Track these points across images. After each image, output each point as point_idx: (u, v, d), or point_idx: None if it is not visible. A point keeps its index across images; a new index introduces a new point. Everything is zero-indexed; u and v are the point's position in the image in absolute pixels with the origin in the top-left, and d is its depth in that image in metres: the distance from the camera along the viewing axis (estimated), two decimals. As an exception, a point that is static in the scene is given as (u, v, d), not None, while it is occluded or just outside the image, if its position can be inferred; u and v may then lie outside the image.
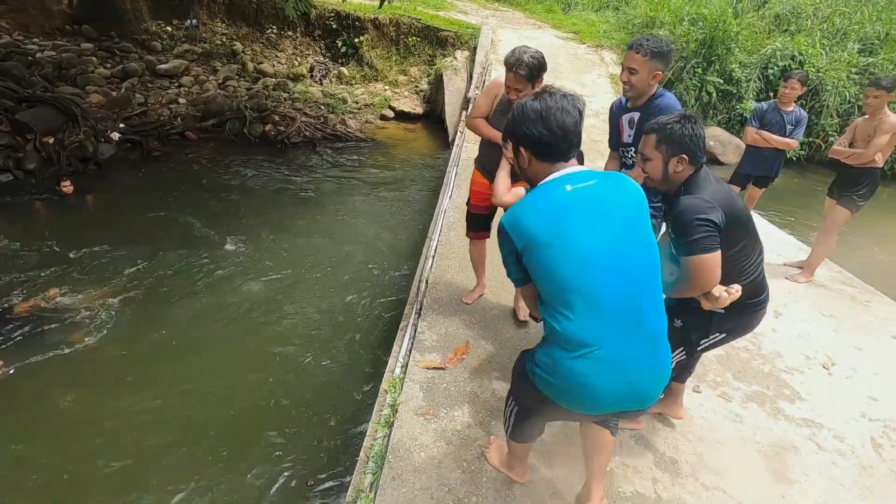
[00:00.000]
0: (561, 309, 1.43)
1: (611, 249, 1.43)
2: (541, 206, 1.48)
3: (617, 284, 1.42)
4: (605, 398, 1.45)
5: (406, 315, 3.02)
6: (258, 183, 7.09)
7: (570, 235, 1.42)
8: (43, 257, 4.98)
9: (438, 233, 3.96)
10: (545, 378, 1.51)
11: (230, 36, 10.88)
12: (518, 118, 1.52)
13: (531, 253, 1.46)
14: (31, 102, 7.22)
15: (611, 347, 1.41)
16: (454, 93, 9.69)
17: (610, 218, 1.45)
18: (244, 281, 4.84)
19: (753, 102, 10.09)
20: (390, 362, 2.63)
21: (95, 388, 3.47)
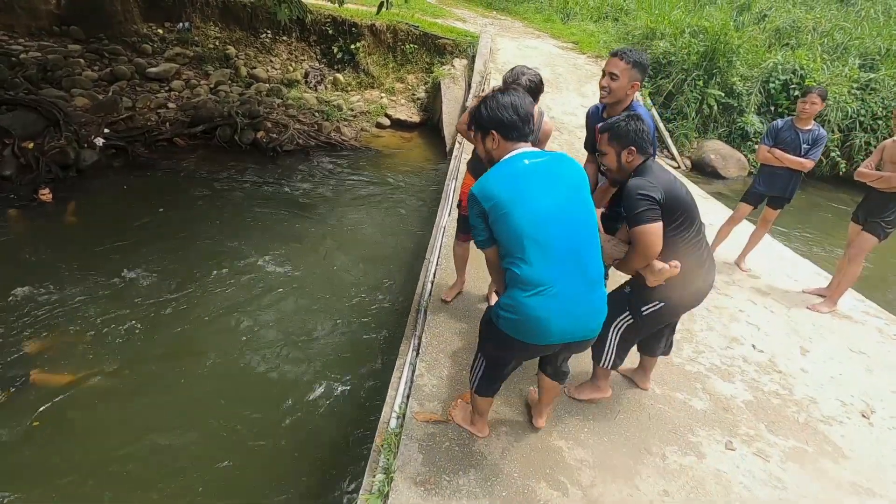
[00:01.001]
0: (520, 256, 1.75)
1: (560, 209, 1.78)
2: (504, 174, 1.82)
3: (564, 237, 1.77)
4: (556, 329, 1.77)
5: (402, 352, 2.77)
6: (248, 192, 6.82)
7: (528, 196, 1.76)
8: (17, 268, 4.69)
9: (437, 255, 3.72)
10: (507, 317, 1.81)
11: (223, 40, 10.62)
12: (493, 106, 1.86)
13: (496, 211, 1.77)
14: (10, 105, 6.91)
15: (560, 287, 1.74)
16: (452, 101, 9.49)
17: (559, 185, 1.81)
18: (225, 298, 4.57)
19: (755, 116, 9.99)
20: (385, 411, 2.38)
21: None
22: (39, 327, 4.03)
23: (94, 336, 4.00)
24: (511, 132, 1.85)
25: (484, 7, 14.39)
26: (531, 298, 1.74)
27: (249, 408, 3.41)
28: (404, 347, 2.81)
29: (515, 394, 2.51)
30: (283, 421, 3.28)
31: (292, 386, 3.58)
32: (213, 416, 3.34)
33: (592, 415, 2.41)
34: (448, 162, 7.71)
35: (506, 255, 1.81)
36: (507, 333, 1.84)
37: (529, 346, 1.85)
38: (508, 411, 2.41)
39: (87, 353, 3.82)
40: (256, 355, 3.92)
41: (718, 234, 4.33)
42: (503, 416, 2.37)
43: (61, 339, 3.97)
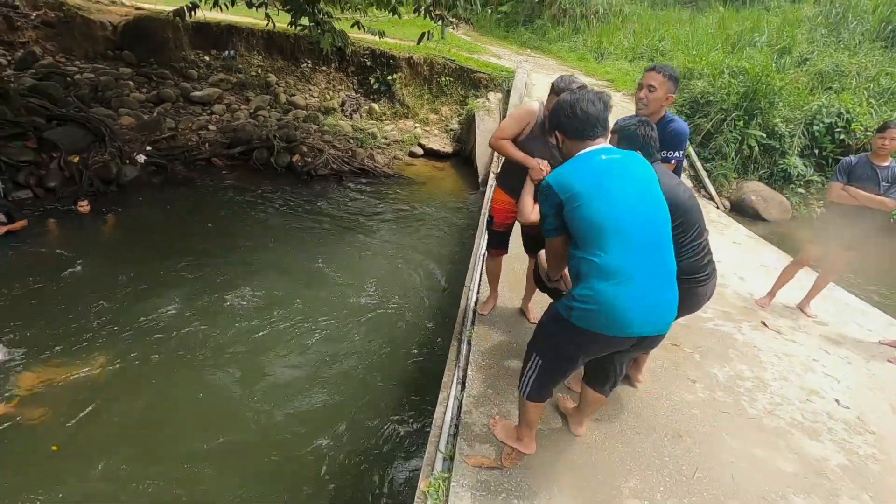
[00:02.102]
0: (599, 246, 1.73)
1: (638, 202, 1.78)
2: (581, 166, 1.83)
3: (642, 229, 1.76)
4: (635, 320, 1.73)
5: (445, 384, 2.54)
6: (281, 213, 6.79)
7: (608, 187, 1.76)
8: (46, 275, 4.66)
9: (478, 283, 3.52)
10: (583, 308, 1.75)
11: (266, 68, 10.95)
12: (556, 107, 1.93)
13: (573, 202, 1.76)
14: (61, 121, 7.13)
15: (640, 279, 1.72)
16: (486, 133, 9.46)
17: (635, 180, 1.82)
18: (253, 317, 4.42)
19: (798, 158, 9.68)
20: (429, 451, 2.13)
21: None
22: (58, 340, 3.93)
23: (118, 347, 3.87)
24: (574, 133, 1.88)
25: (518, 45, 14.62)
26: (612, 287, 1.71)
27: (275, 440, 3.20)
28: (447, 379, 2.58)
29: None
30: (315, 456, 3.05)
31: (324, 419, 3.38)
32: (236, 447, 3.13)
33: (668, 472, 2.11)
34: (484, 191, 7.60)
35: (583, 247, 1.79)
36: (582, 327, 1.77)
37: (605, 340, 1.79)
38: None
39: (112, 364, 3.68)
40: (282, 386, 3.72)
41: (782, 276, 4.02)
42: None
43: (77, 351, 3.86)
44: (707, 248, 2.24)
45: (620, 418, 2.40)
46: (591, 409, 2.22)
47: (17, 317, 4.07)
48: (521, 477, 1.97)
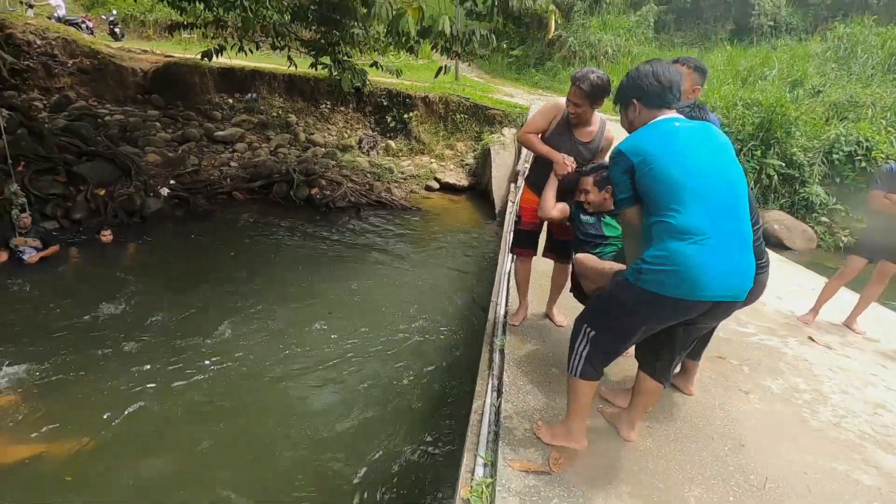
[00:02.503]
0: (674, 207, 1.66)
1: (715, 164, 1.73)
2: (654, 131, 1.78)
3: (722, 189, 1.70)
4: (711, 282, 1.64)
5: (478, 394, 2.36)
6: (300, 243, 6.79)
7: (683, 148, 1.71)
8: (66, 301, 4.63)
9: (505, 296, 3.39)
10: (655, 270, 1.66)
11: (286, 109, 11.33)
12: (634, 76, 1.85)
13: (647, 164, 1.71)
14: (90, 157, 7.35)
15: (718, 239, 1.64)
16: (501, 166, 9.55)
17: (713, 143, 1.77)
18: (278, 341, 4.31)
19: (819, 187, 9.54)
20: (466, 458, 1.94)
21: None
22: (72, 367, 3.84)
23: (141, 372, 3.76)
24: (653, 99, 1.81)
25: (530, 86, 15.02)
26: (688, 246, 1.62)
27: (311, 460, 3.02)
28: (480, 388, 2.41)
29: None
30: (346, 472, 2.86)
31: (357, 439, 3.26)
32: (267, 462, 2.95)
33: (735, 481, 1.89)
34: (501, 221, 7.57)
35: (656, 210, 1.70)
36: (652, 291, 1.67)
37: (675, 305, 1.68)
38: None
39: (122, 390, 3.56)
40: (314, 409, 3.57)
41: (825, 291, 3.82)
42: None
43: (91, 377, 3.75)
44: (762, 236, 2.12)
45: (673, 426, 2.20)
46: (645, 403, 2.04)
47: (34, 340, 4.02)
48: (573, 482, 1.77)
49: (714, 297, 1.66)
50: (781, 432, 2.25)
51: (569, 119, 2.62)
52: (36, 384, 3.51)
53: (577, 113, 2.55)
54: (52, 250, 5.47)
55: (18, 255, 5.25)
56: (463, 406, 2.59)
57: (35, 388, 3.46)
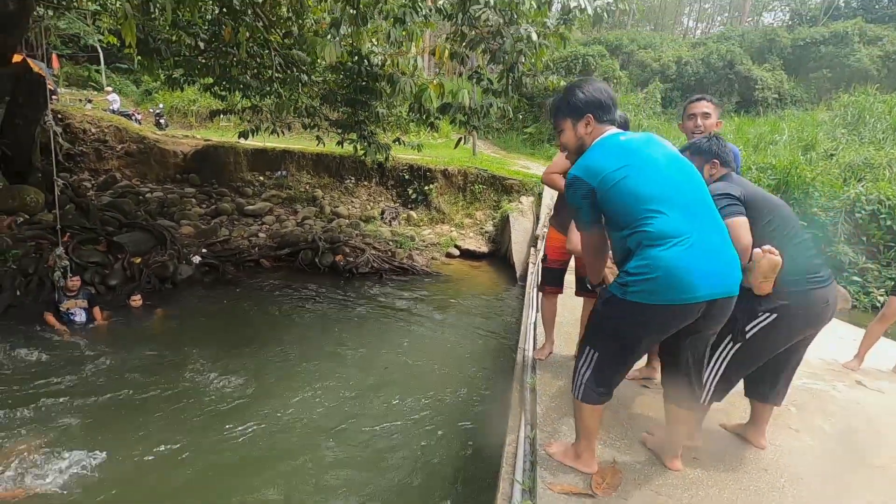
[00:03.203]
0: (646, 215, 1.63)
1: (674, 167, 1.73)
2: (605, 149, 1.77)
3: (689, 189, 1.71)
4: (702, 281, 1.61)
5: (511, 428, 2.27)
6: (325, 307, 6.86)
7: (641, 158, 1.70)
8: (89, 364, 4.69)
9: (532, 341, 3.34)
10: (640, 279, 1.62)
11: (313, 184, 11.96)
12: (589, 90, 1.84)
13: (606, 184, 1.69)
14: (130, 228, 7.78)
15: (698, 236, 1.63)
16: (520, 232, 9.73)
17: (663, 148, 1.78)
18: (306, 401, 4.24)
19: (846, 246, 9.41)
20: (502, 487, 1.83)
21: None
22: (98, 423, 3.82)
23: (164, 431, 3.72)
24: (605, 114, 1.83)
25: (545, 159, 15.64)
26: (669, 250, 1.60)
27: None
28: (513, 423, 2.32)
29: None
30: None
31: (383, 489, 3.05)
32: None
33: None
34: (523, 285, 7.57)
35: (628, 223, 1.68)
36: (641, 302, 1.63)
37: (669, 312, 1.63)
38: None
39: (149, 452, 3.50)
40: (335, 468, 3.44)
41: (867, 336, 3.67)
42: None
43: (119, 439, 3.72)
44: (817, 249, 2.08)
45: (721, 458, 2.05)
46: (680, 428, 1.92)
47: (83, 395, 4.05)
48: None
49: (706, 296, 1.62)
50: (841, 467, 2.08)
51: None
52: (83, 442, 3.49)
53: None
54: (98, 312, 5.75)
55: (69, 317, 5.50)
56: (491, 453, 2.46)
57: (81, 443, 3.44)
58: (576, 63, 17.58)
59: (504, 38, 5.27)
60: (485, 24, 5.41)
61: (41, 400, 3.94)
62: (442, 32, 14.43)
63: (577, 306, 3.03)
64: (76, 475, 3.14)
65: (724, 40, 20.72)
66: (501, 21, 5.32)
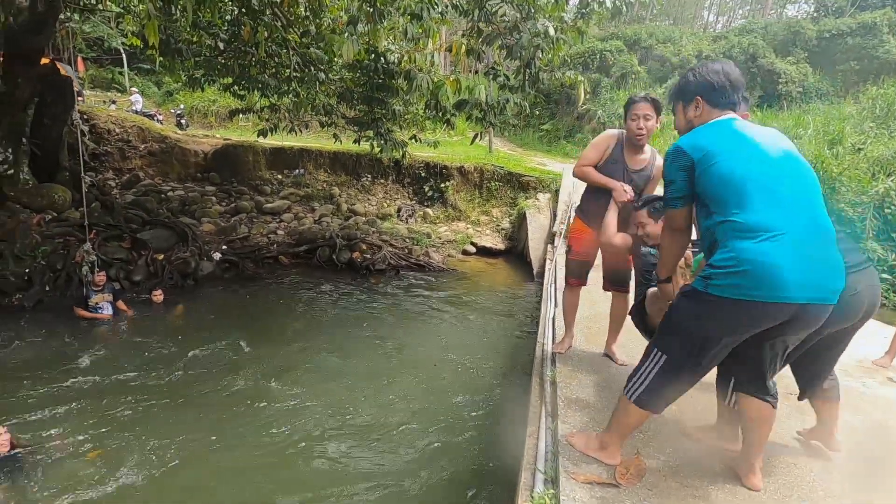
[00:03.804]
0: (739, 204, 1.54)
1: (783, 158, 1.61)
2: (715, 130, 1.68)
3: (794, 183, 1.57)
4: (792, 280, 1.47)
5: (532, 419, 2.26)
6: (342, 303, 6.92)
7: (748, 143, 1.61)
8: (116, 357, 4.81)
9: (551, 335, 3.32)
10: (727, 273, 1.51)
11: (330, 182, 12.06)
12: (703, 72, 1.76)
13: (708, 160, 1.60)
14: (153, 226, 7.94)
15: (793, 235, 1.49)
16: (537, 229, 9.66)
17: (778, 141, 1.66)
18: (323, 400, 4.27)
19: (874, 243, 9.14)
20: (524, 476, 1.82)
21: None
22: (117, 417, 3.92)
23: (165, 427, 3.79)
24: (719, 98, 1.72)
25: (561, 156, 15.53)
26: (760, 244, 1.48)
27: None
28: (532, 414, 2.31)
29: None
30: None
31: None
32: None
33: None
34: (540, 282, 7.53)
35: (720, 210, 1.57)
36: (723, 296, 1.50)
37: (752, 311, 1.49)
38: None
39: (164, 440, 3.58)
40: (351, 461, 3.47)
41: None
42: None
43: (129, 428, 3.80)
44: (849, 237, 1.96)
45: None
46: (759, 434, 1.74)
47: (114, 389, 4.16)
48: (644, 495, 1.62)
49: (797, 298, 1.48)
50: (872, 463, 2.02)
51: (622, 150, 2.66)
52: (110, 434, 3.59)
53: (649, 128, 2.53)
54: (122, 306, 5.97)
55: (97, 311, 5.69)
56: (510, 443, 2.46)
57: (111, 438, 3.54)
58: (593, 58, 17.38)
59: (521, 34, 5.23)
60: (501, 19, 5.39)
61: (71, 388, 4.06)
62: (457, 30, 14.43)
63: (598, 300, 3.00)
64: (106, 458, 3.24)
65: (747, 33, 20.27)
66: (518, 16, 5.29)
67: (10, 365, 4.50)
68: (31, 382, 4.16)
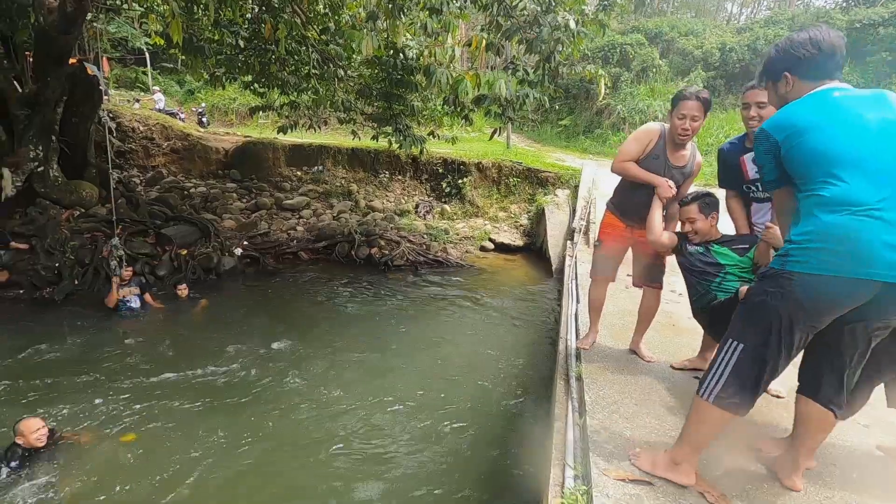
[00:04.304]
0: (825, 180, 1.45)
1: (886, 127, 1.45)
2: (808, 103, 1.55)
3: (890, 155, 1.43)
4: (880, 255, 1.36)
5: (558, 416, 2.23)
6: (361, 298, 6.96)
7: (841, 117, 1.47)
8: (143, 348, 4.92)
9: (574, 332, 3.28)
10: (808, 248, 1.43)
11: (348, 179, 12.12)
12: (785, 47, 1.63)
13: (794, 139, 1.51)
14: (176, 221, 8.09)
15: (889, 212, 1.38)
16: (556, 225, 9.57)
17: (883, 108, 1.48)
18: (344, 394, 4.31)
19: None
20: (553, 473, 1.81)
21: None
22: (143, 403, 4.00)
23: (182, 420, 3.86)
24: (810, 70, 1.58)
25: (580, 152, 15.35)
26: (843, 217, 1.39)
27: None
28: (559, 411, 2.29)
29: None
30: None
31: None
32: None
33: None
34: (560, 279, 7.47)
35: (806, 184, 1.50)
36: (802, 272, 1.42)
37: (834, 288, 1.38)
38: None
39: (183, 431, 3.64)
40: (373, 459, 3.49)
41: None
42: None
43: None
44: None
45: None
46: (812, 439, 1.65)
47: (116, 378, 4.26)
48: (679, 493, 1.59)
49: (885, 276, 1.36)
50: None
51: (664, 144, 2.59)
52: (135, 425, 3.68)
53: (694, 129, 2.47)
54: (149, 298, 6.12)
55: (125, 304, 5.82)
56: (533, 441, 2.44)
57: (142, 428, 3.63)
58: (613, 52, 17.12)
59: (541, 27, 5.17)
60: (521, 13, 5.33)
61: (101, 377, 4.17)
62: (475, 25, 14.32)
63: (623, 297, 2.96)
64: (140, 446, 3.31)
65: (772, 25, 19.72)
66: (538, 9, 5.23)
67: (45, 356, 4.63)
68: (66, 373, 4.28)
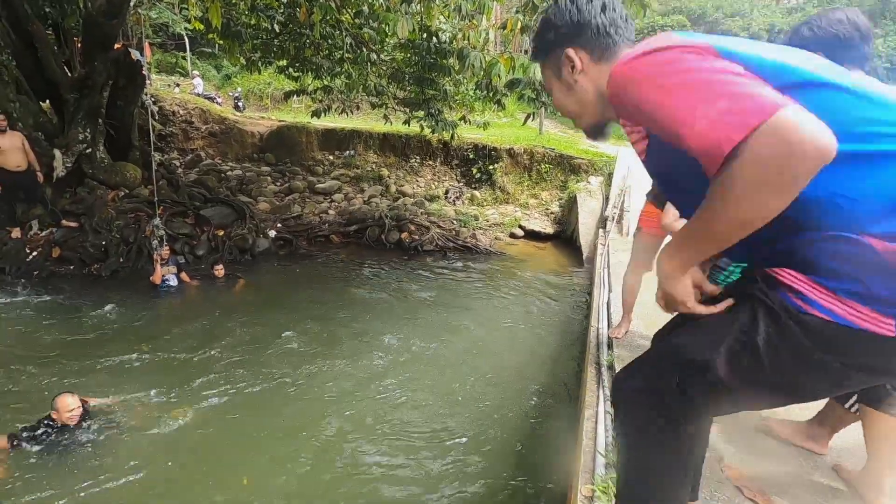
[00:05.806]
0: None
1: None
2: None
3: None
4: None
5: (589, 404, 2.22)
6: (392, 283, 7.04)
7: None
8: (183, 324, 5.12)
9: (606, 321, 3.24)
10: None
11: (379, 164, 12.19)
12: (821, 24, 1.52)
13: None
14: (214, 203, 8.34)
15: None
16: (588, 213, 9.39)
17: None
18: (365, 378, 4.39)
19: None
20: (584, 460, 1.80)
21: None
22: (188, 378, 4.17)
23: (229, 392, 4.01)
24: (847, 52, 1.48)
25: (615, 138, 14.93)
26: None
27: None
28: (590, 399, 2.27)
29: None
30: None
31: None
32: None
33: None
34: (590, 268, 7.36)
35: None
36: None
37: None
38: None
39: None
40: (398, 449, 3.57)
41: None
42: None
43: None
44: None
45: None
46: (888, 451, 1.52)
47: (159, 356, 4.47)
48: (713, 489, 1.57)
49: None
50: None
51: None
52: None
53: None
54: (186, 277, 6.38)
55: (165, 282, 6.08)
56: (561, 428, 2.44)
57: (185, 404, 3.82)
58: (653, 35, 16.49)
59: (580, 8, 5.02)
60: (559, -7, 5.18)
61: (143, 351, 4.38)
62: (510, 7, 14.02)
63: (654, 285, 2.88)
64: (167, 415, 3.49)
65: (826, 4, 18.62)
66: (577, -11, 5.07)
67: (92, 330, 4.90)
68: (109, 347, 4.52)
